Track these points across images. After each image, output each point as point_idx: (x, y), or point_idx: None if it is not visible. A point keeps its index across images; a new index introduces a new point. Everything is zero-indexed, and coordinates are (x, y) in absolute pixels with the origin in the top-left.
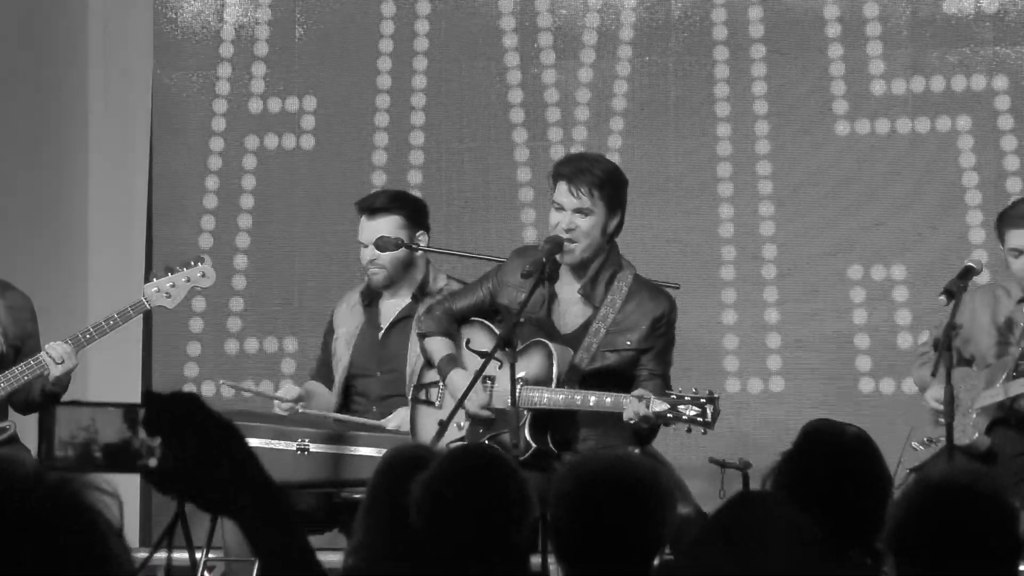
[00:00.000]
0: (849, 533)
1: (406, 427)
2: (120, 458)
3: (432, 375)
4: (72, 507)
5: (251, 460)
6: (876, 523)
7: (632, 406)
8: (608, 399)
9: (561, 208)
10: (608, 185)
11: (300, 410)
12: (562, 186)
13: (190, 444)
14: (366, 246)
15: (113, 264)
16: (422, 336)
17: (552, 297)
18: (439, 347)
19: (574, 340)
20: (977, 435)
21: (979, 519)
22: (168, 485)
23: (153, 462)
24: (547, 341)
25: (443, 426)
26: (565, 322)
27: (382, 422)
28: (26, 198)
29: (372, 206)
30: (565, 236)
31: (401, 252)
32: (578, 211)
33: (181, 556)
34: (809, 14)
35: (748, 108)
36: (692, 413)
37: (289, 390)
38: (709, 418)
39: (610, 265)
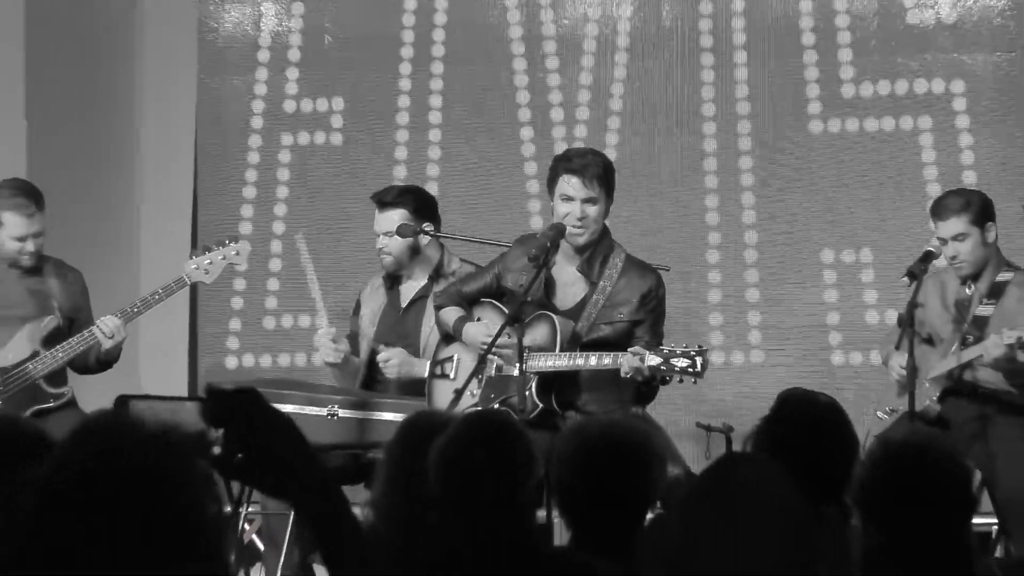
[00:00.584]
0: (820, 490)
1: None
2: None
3: (446, 351)
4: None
5: (278, 446)
6: (845, 481)
7: (629, 361)
8: (607, 358)
9: (571, 199)
10: (607, 175)
11: (342, 349)
12: (571, 179)
13: (233, 436)
14: (379, 235)
15: (162, 248)
16: (438, 308)
17: (550, 280)
18: (453, 313)
19: (574, 314)
20: (928, 402)
21: (934, 477)
22: (224, 470)
23: (217, 450)
24: (551, 314)
25: (458, 394)
26: (564, 301)
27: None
28: (86, 191)
29: (383, 200)
30: (577, 224)
31: (409, 240)
32: (587, 200)
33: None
34: (786, 24)
35: (731, 108)
36: (683, 364)
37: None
38: (699, 368)
39: (604, 246)
